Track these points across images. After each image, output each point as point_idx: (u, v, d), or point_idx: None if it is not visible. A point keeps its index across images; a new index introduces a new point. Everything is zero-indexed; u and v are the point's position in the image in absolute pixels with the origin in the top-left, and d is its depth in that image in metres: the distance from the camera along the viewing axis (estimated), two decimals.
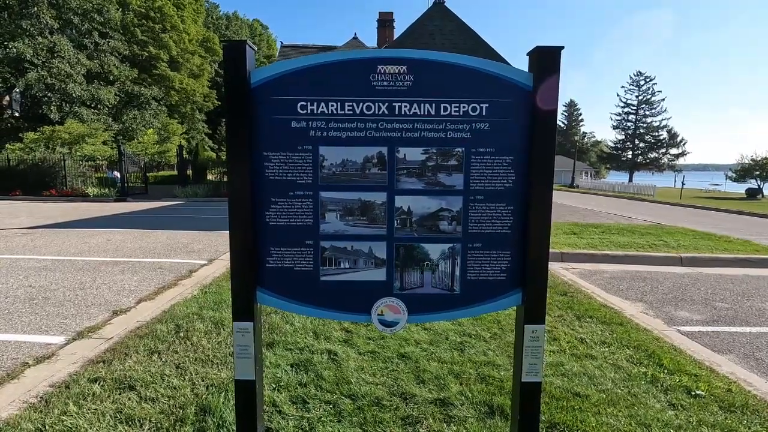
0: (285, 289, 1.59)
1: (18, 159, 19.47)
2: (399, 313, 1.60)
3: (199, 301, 4.55)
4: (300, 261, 1.58)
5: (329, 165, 1.55)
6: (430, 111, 1.53)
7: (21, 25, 25.38)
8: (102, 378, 2.90)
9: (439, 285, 1.61)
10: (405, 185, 1.57)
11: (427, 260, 1.60)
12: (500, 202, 1.57)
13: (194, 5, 40.54)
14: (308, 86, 1.51)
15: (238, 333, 1.55)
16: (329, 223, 1.57)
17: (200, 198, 19.21)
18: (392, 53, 1.50)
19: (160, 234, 9.44)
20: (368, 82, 1.51)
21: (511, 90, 1.52)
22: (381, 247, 1.59)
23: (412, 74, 1.51)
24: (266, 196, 1.55)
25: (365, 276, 1.60)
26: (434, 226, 1.58)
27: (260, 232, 1.56)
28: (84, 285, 5.52)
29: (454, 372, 3.11)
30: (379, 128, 1.54)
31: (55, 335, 3.94)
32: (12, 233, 9.30)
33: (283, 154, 1.53)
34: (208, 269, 6.51)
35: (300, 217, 1.56)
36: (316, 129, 1.53)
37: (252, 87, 1.49)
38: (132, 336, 3.63)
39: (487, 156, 1.55)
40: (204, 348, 3.40)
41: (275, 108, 1.51)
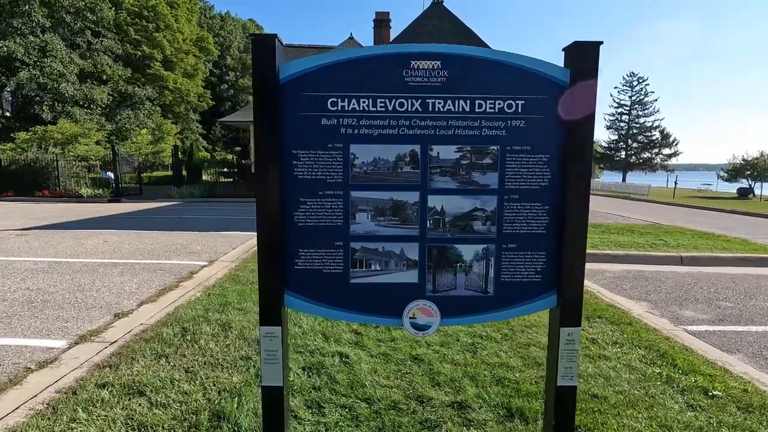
0: (313, 292, 1.54)
1: (10, 159, 19.17)
2: (431, 316, 1.56)
3: (204, 303, 4.47)
4: (329, 263, 1.53)
5: (360, 163, 1.50)
6: (465, 108, 1.48)
7: (12, 23, 25.02)
8: (110, 383, 2.82)
9: (473, 287, 1.57)
10: (438, 184, 1.52)
11: (460, 261, 1.55)
12: (536, 201, 1.53)
13: (188, 4, 40.22)
14: (339, 82, 1.46)
15: (265, 338, 1.49)
16: (360, 223, 1.52)
17: (196, 198, 19.04)
18: (427, 48, 1.45)
19: (157, 235, 9.32)
20: (401, 77, 1.47)
21: (547, 86, 1.48)
22: (413, 249, 1.55)
23: (447, 70, 1.47)
24: (295, 196, 1.49)
25: (396, 278, 1.55)
26: (468, 227, 1.54)
27: (288, 233, 1.51)
28: (83, 287, 5.42)
29: (468, 374, 3.07)
30: (412, 126, 1.49)
31: (56, 339, 3.86)
32: (6, 234, 9.13)
33: (312, 152, 1.48)
34: (208, 270, 6.42)
35: (330, 217, 1.51)
36: (347, 126, 1.48)
37: (281, 83, 1.44)
38: (138, 339, 3.55)
39: (523, 154, 1.51)
40: (212, 351, 3.33)
41: (305, 105, 1.46)
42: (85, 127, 23.39)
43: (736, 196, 32.52)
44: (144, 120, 32.55)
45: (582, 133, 1.47)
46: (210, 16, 53.05)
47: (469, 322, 1.61)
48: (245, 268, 6.01)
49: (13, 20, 25.11)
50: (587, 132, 1.47)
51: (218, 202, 18.35)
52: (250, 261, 6.46)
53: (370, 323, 1.63)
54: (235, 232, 9.95)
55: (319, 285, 1.54)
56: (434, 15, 13.62)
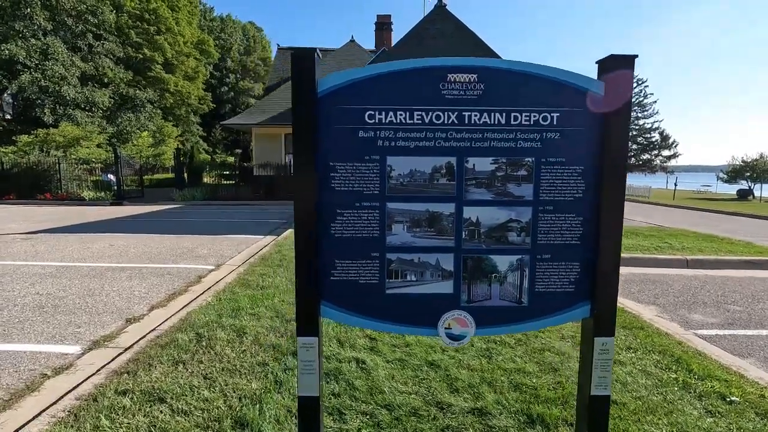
0: (349, 303, 1.55)
1: (11, 162, 19.17)
2: (466, 327, 1.57)
3: (216, 308, 4.48)
4: (365, 273, 1.54)
5: (397, 175, 1.51)
6: (501, 120, 1.50)
7: (14, 26, 25.05)
8: (130, 390, 2.83)
9: (507, 297, 1.58)
10: (474, 196, 1.54)
11: (495, 272, 1.57)
12: (570, 212, 1.55)
13: (189, 7, 40.30)
14: (376, 95, 1.47)
15: (302, 348, 1.50)
16: (396, 234, 1.53)
17: (198, 201, 19.05)
18: (463, 61, 1.47)
19: (162, 238, 9.32)
20: (438, 90, 1.48)
21: (582, 98, 1.50)
22: (448, 259, 1.56)
23: (483, 83, 1.48)
24: (332, 208, 1.51)
25: (432, 289, 1.56)
26: (503, 238, 1.55)
27: (325, 244, 1.52)
28: (93, 292, 5.42)
29: (486, 380, 3.08)
30: (449, 138, 1.51)
31: (70, 345, 3.86)
32: (11, 239, 9.13)
33: (349, 164, 1.49)
34: (216, 274, 6.42)
35: (366, 228, 1.52)
36: (384, 139, 1.49)
37: (319, 96, 1.46)
38: (153, 345, 3.55)
39: (558, 166, 1.53)
40: (229, 357, 3.34)
41: (342, 117, 1.48)
42: (86, 130, 23.40)
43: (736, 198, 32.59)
44: (145, 123, 32.58)
45: (616, 144, 1.48)
46: (210, 18, 53.15)
47: (504, 332, 1.63)
48: (254, 273, 6.02)
49: (15, 23, 25.14)
50: (622, 144, 1.48)
51: (220, 204, 18.36)
52: (257, 265, 6.47)
53: (406, 333, 1.64)
54: (240, 235, 9.96)
55: (355, 295, 1.55)
56: (437, 18, 13.67)
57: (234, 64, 53.67)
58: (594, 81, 1.51)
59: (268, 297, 4.84)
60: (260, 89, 53.00)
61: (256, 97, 51.86)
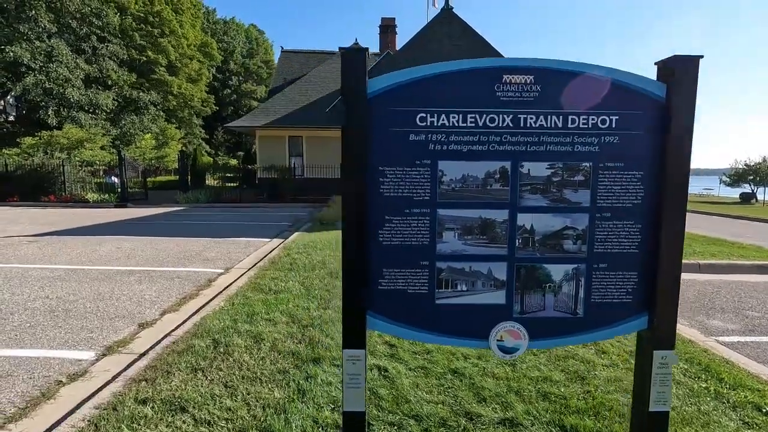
0: (397, 313, 1.49)
1: (16, 164, 19.16)
2: (519, 339, 1.50)
3: (230, 313, 4.41)
4: (414, 283, 1.48)
5: (448, 181, 1.45)
6: (557, 123, 1.44)
7: (18, 28, 25.09)
8: (150, 399, 2.76)
9: (562, 308, 1.51)
10: (528, 202, 1.48)
11: (549, 282, 1.50)
12: (628, 219, 1.48)
13: (192, 10, 40.41)
14: (428, 97, 1.41)
15: (348, 361, 1.44)
16: (447, 242, 1.47)
17: (202, 204, 19.00)
18: (520, 62, 1.41)
19: (169, 241, 9.26)
20: (492, 92, 1.42)
21: (642, 101, 1.44)
22: (501, 268, 1.50)
23: (540, 84, 1.42)
24: (380, 214, 1.45)
25: (483, 299, 1.50)
26: (558, 246, 1.49)
27: (373, 252, 1.46)
28: (103, 296, 5.36)
29: (512, 389, 3.00)
30: (503, 141, 1.45)
31: (83, 350, 3.79)
32: (18, 241, 9.08)
33: (399, 169, 1.43)
34: (226, 278, 6.36)
35: (416, 236, 1.46)
36: (435, 142, 1.43)
37: (369, 98, 1.40)
38: (170, 352, 3.48)
39: (616, 171, 1.46)
40: (248, 365, 3.27)
41: (393, 120, 1.41)
42: (90, 132, 23.40)
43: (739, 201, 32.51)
44: (148, 125, 32.59)
45: (679, 150, 1.42)
46: (213, 21, 53.28)
47: (558, 344, 1.56)
48: (264, 276, 5.95)
49: (20, 25, 25.19)
50: (685, 149, 1.42)
51: (224, 207, 18.32)
52: (268, 269, 6.40)
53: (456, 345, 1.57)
54: (246, 238, 9.90)
55: (404, 306, 1.49)
56: (444, 21, 13.64)
57: (237, 67, 53.78)
58: (655, 83, 1.45)
59: (282, 302, 4.77)
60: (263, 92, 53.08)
61: (258, 99, 51.93)
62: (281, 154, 21.21)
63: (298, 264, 6.66)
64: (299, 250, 7.81)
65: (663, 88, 1.43)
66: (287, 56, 27.59)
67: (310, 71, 24.43)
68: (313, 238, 8.95)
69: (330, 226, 11.29)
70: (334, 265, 6.56)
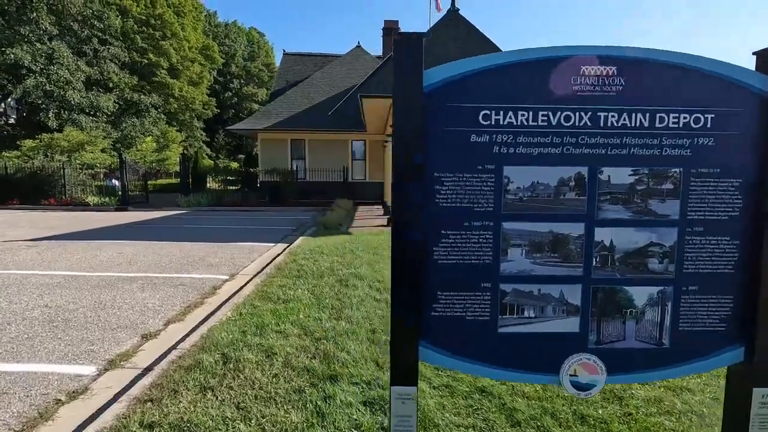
0: (453, 343, 1.28)
1: (16, 167, 18.96)
2: (596, 373, 1.29)
3: (238, 324, 4.19)
4: (474, 308, 1.27)
5: (515, 189, 1.24)
6: (643, 122, 1.23)
7: (19, 31, 24.96)
8: (157, 423, 2.53)
9: (645, 337, 1.30)
10: (607, 214, 1.27)
11: (630, 307, 1.29)
12: (723, 234, 1.28)
13: (194, 12, 40.35)
14: (493, 91, 1.21)
15: (398, 400, 1.22)
16: (512, 261, 1.26)
17: (203, 207, 18.79)
18: (601, 50, 1.21)
19: (171, 246, 9.04)
20: (569, 86, 1.22)
21: (743, 97, 1.24)
22: (575, 291, 1.29)
23: (623, 76, 1.22)
24: (436, 228, 1.24)
25: (554, 327, 1.29)
26: (641, 265, 1.28)
27: (427, 272, 1.25)
28: (104, 304, 5.14)
29: (547, 410, 2.78)
30: (579, 143, 1.24)
31: (84, 364, 3.57)
32: (17, 246, 8.87)
33: (459, 175, 1.23)
34: (231, 285, 6.14)
35: (476, 253, 1.25)
36: (501, 144, 1.23)
37: (425, 92, 1.19)
38: (177, 368, 3.26)
39: (710, 178, 1.26)
40: (261, 383, 3.05)
41: (451, 118, 1.21)
42: (91, 134, 23.23)
43: None
44: (149, 128, 32.44)
45: None
46: (215, 24, 53.26)
47: (640, 380, 1.35)
48: (272, 284, 5.73)
49: (21, 28, 25.06)
50: None
51: (226, 210, 18.11)
52: (275, 276, 6.18)
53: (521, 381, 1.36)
54: (250, 243, 9.69)
55: (461, 335, 1.28)
56: (450, 23, 13.47)
57: (238, 70, 53.73)
58: (757, 75, 1.24)
59: (292, 312, 4.55)
60: (264, 95, 53.02)
61: (259, 102, 51.84)
62: (283, 157, 21.03)
63: (305, 271, 6.44)
64: (305, 255, 7.60)
65: (766, 82, 1.23)
66: (289, 59, 27.46)
67: (312, 74, 24.29)
68: (318, 243, 8.74)
69: (334, 230, 11.08)
70: (342, 271, 6.35)
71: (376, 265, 6.84)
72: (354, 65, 24.20)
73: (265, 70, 56.66)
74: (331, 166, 20.88)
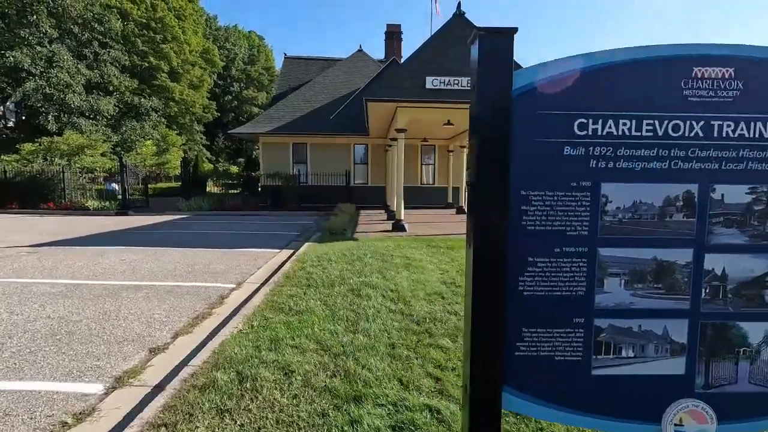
0: (539, 388, 1.11)
1: (15, 171, 18.75)
2: (704, 422, 1.12)
3: (251, 338, 4.00)
4: (564, 346, 1.10)
5: (614, 209, 1.08)
6: (763, 133, 1.07)
7: (19, 34, 24.80)
8: None
9: (761, 380, 1.14)
10: (720, 238, 1.10)
11: (744, 345, 1.13)
12: None
13: (194, 16, 40.28)
14: (590, 96, 1.04)
15: None
16: (609, 292, 1.09)
17: (204, 211, 18.59)
18: (716, 49, 1.04)
19: (174, 253, 8.85)
20: (678, 90, 1.06)
21: None
22: (681, 327, 1.12)
23: (741, 79, 1.06)
24: (521, 255, 1.07)
25: (656, 368, 1.12)
26: (758, 297, 1.12)
27: (510, 305, 1.08)
28: (109, 315, 4.95)
29: None
30: (689, 157, 1.08)
31: (90, 382, 3.39)
32: (16, 252, 8.66)
33: (549, 194, 1.06)
34: (239, 294, 5.96)
35: (568, 283, 1.08)
36: (598, 158, 1.06)
37: (513, 96, 1.02)
38: (190, 387, 3.07)
39: None
40: (281, 404, 2.86)
41: (542, 127, 1.04)
42: (91, 138, 23.03)
43: None
44: (149, 131, 32.25)
45: None
46: (215, 28, 53.23)
47: (755, 428, 1.17)
48: (281, 293, 5.54)
49: (21, 31, 24.90)
50: None
51: (228, 215, 17.91)
52: (284, 285, 5.99)
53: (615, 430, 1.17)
54: (254, 249, 9.50)
55: (548, 377, 1.10)
56: (456, 26, 13.36)
57: (238, 73, 53.66)
58: None
59: (306, 325, 4.36)
60: (263, 98, 52.95)
61: (259, 106, 51.77)
62: (285, 161, 20.87)
63: (315, 279, 6.25)
64: (313, 263, 7.41)
65: None
66: (290, 63, 27.36)
67: (314, 78, 24.18)
68: (325, 250, 8.55)
69: (340, 236, 10.90)
70: (353, 280, 6.17)
71: (386, 273, 6.66)
72: (356, 69, 24.11)
73: (265, 74, 56.61)
74: (333, 170, 20.74)
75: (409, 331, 4.22)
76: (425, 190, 21.73)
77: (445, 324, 4.43)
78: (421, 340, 3.97)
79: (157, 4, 33.45)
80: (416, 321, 4.50)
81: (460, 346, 3.83)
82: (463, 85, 12.03)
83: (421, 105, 11.37)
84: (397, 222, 11.99)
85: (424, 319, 4.54)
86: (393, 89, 11.43)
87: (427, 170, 22.00)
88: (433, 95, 11.28)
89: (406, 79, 11.58)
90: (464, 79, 12.21)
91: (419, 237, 10.67)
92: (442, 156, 21.52)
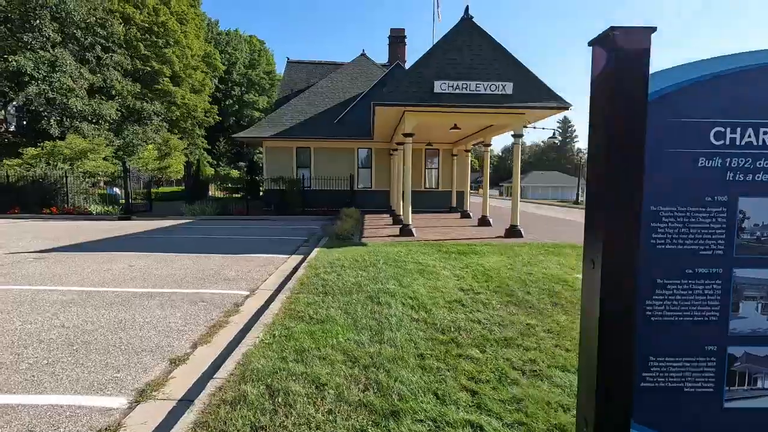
0: (666, 422, 1.00)
1: (17, 175, 18.63)
2: None
3: (274, 349, 3.89)
4: (694, 377, 1.00)
5: (752, 227, 0.98)
6: None
7: (22, 38, 24.76)
8: None
9: None
10: None
11: None
12: None
13: (196, 20, 40.31)
14: (726, 102, 0.95)
15: None
16: (745, 318, 1.00)
17: (208, 216, 18.47)
18: None
19: (183, 258, 8.74)
20: None
21: None
22: None
23: None
24: (650, 276, 0.97)
25: None
26: None
27: (636, 332, 0.98)
28: (124, 324, 4.84)
29: None
30: None
31: (112, 395, 3.29)
32: (23, 258, 8.54)
33: (681, 209, 0.96)
34: (254, 302, 5.87)
35: (699, 307, 0.99)
36: (736, 170, 0.97)
37: (648, 101, 0.93)
38: (220, 402, 2.96)
39: None
40: (317, 421, 2.75)
41: (674, 136, 0.95)
42: (93, 142, 22.93)
43: None
44: (151, 135, 32.18)
45: None
46: (216, 32, 53.30)
47: None
48: (299, 301, 5.43)
49: (24, 35, 24.86)
50: None
51: (232, 220, 17.81)
52: (300, 292, 5.88)
53: None
54: (263, 254, 9.40)
55: (675, 411, 1.00)
56: (464, 30, 13.31)
57: (239, 77, 53.68)
58: None
59: (330, 334, 4.25)
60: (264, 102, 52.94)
61: (260, 110, 51.75)
62: (288, 165, 20.79)
63: (331, 286, 6.14)
64: (326, 269, 7.30)
65: None
66: (293, 67, 27.33)
67: (317, 82, 24.14)
68: (336, 256, 8.45)
69: (348, 240, 10.80)
70: (370, 287, 6.06)
71: (402, 279, 6.56)
72: (359, 73, 24.08)
73: (266, 78, 56.65)
74: (336, 174, 20.66)
75: (435, 341, 4.11)
76: (429, 194, 21.65)
77: (471, 333, 4.32)
78: (449, 351, 3.87)
79: (160, 9, 33.47)
80: (440, 330, 4.40)
81: (491, 357, 3.73)
82: (471, 89, 11.97)
83: (430, 110, 11.29)
84: (405, 226, 11.88)
85: (448, 328, 4.43)
86: (401, 94, 11.36)
87: (430, 174, 21.92)
88: (442, 99, 11.21)
89: (413, 84, 11.52)
90: (472, 83, 12.14)
91: (428, 242, 10.57)
92: (445, 160, 21.45)
